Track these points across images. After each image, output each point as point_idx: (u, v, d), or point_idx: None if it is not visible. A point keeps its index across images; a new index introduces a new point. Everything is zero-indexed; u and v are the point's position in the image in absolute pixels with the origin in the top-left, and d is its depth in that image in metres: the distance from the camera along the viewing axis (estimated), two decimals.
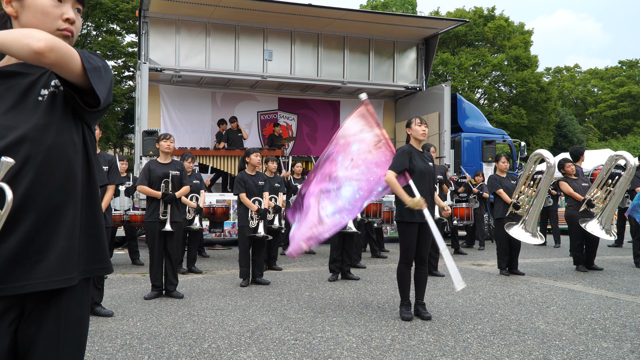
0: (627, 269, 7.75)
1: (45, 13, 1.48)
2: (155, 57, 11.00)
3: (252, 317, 4.68)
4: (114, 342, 3.92)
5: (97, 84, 1.42)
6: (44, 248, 1.42)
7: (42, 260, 1.41)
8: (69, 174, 1.47)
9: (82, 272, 1.50)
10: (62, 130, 1.46)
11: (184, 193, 5.63)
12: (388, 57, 13.05)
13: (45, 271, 1.41)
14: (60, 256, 1.43)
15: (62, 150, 1.46)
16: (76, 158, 1.50)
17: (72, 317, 1.49)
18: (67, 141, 1.47)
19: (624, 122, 41.81)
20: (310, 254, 9.38)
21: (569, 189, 7.55)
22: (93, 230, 1.55)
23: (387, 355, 3.65)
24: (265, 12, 11.21)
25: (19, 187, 1.38)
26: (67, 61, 1.35)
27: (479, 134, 12.79)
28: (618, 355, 3.65)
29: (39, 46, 1.28)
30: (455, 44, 31.84)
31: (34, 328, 1.44)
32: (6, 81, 1.46)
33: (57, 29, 1.49)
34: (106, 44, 22.14)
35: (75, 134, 1.50)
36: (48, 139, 1.43)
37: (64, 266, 1.43)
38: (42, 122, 1.43)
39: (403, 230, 4.70)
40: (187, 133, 12.55)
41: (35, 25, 1.47)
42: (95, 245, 1.55)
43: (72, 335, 1.49)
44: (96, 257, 1.55)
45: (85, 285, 1.55)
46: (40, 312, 1.44)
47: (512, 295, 5.73)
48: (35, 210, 1.41)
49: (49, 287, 1.41)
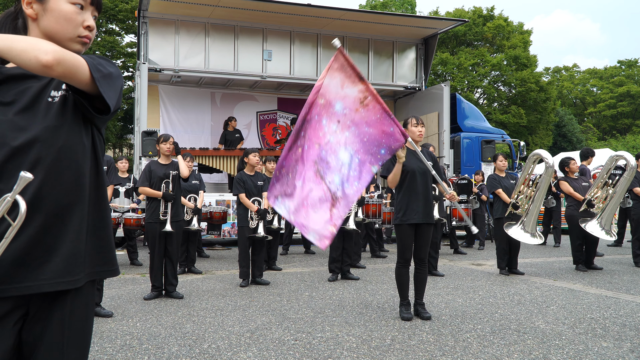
0: (626, 268, 7.76)
1: (69, 19, 1.48)
2: (154, 58, 10.99)
3: (251, 318, 4.68)
4: (114, 343, 3.92)
5: (107, 92, 1.42)
6: (51, 249, 1.42)
7: (49, 261, 1.41)
8: (78, 176, 1.48)
9: (89, 274, 1.51)
10: (73, 132, 1.47)
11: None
12: (387, 57, 13.05)
13: (51, 272, 1.41)
14: (67, 258, 1.44)
15: (71, 153, 1.46)
16: (85, 160, 1.50)
17: (77, 318, 1.49)
18: (77, 143, 1.48)
19: (623, 122, 41.83)
20: (310, 254, 9.38)
21: (569, 188, 7.56)
22: (101, 233, 1.55)
23: (387, 355, 3.65)
24: (264, 12, 11.21)
25: (29, 188, 1.38)
26: (75, 72, 1.35)
27: (478, 133, 12.80)
28: (618, 355, 3.65)
29: (47, 59, 1.28)
30: (455, 44, 31.86)
31: (38, 329, 1.44)
32: (19, 84, 1.46)
33: (78, 36, 1.50)
34: (105, 44, 22.13)
35: (85, 136, 1.51)
36: (59, 141, 1.44)
37: (70, 268, 1.44)
38: (53, 123, 1.44)
39: (399, 231, 4.71)
40: (186, 133, 12.54)
41: (57, 30, 1.48)
42: (102, 248, 1.55)
43: (76, 336, 1.49)
44: (103, 260, 1.56)
45: (91, 287, 1.55)
46: (45, 313, 1.45)
47: (512, 294, 5.73)
48: (43, 211, 1.41)
49: (54, 289, 1.42)
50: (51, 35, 1.49)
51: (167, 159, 5.60)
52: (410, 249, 4.69)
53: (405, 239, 4.66)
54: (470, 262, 8.52)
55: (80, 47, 1.52)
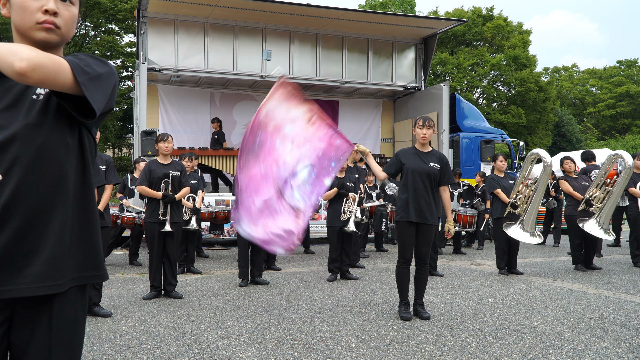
0: (625, 268, 7.76)
1: (24, 8, 1.43)
2: (153, 57, 10.98)
3: (251, 317, 4.68)
4: (113, 343, 3.92)
5: (93, 95, 1.37)
6: (31, 252, 1.37)
7: (29, 265, 1.37)
8: (60, 176, 1.42)
9: (74, 279, 1.45)
10: (55, 131, 1.42)
11: (184, 195, 5.62)
12: (387, 57, 13.04)
13: (31, 276, 1.36)
14: (48, 261, 1.38)
15: (52, 151, 1.41)
16: (69, 160, 1.45)
17: (65, 323, 1.45)
18: (59, 142, 1.43)
19: (622, 122, 41.86)
20: (309, 254, 9.38)
21: (569, 187, 7.57)
22: (87, 236, 1.50)
23: (386, 355, 3.65)
24: (263, 12, 11.20)
25: (6, 187, 1.34)
26: (54, 78, 1.29)
27: (477, 133, 12.79)
28: (617, 355, 3.65)
29: (21, 67, 1.23)
30: (454, 44, 31.87)
31: (26, 332, 1.41)
32: (4, 82, 1.43)
33: (37, 23, 1.43)
34: (104, 44, 22.14)
35: (70, 135, 1.45)
36: (38, 139, 1.39)
37: (51, 272, 1.38)
38: (33, 121, 1.39)
39: (400, 230, 4.71)
40: (185, 133, 12.53)
41: (19, 23, 1.44)
42: (89, 252, 1.50)
43: (65, 341, 1.45)
44: (90, 264, 1.50)
45: (80, 292, 1.50)
46: (32, 317, 1.41)
47: (511, 294, 5.74)
48: (22, 212, 1.36)
49: (34, 293, 1.36)
50: (18, 29, 1.45)
51: (167, 158, 5.59)
52: (410, 249, 4.69)
53: (405, 238, 4.67)
54: (469, 262, 8.52)
55: (46, 34, 1.44)
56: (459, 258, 8.98)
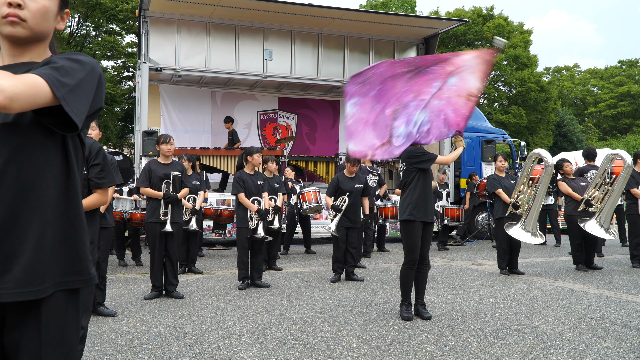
0: (627, 268, 7.75)
1: None
2: (155, 57, 10.99)
3: (252, 317, 4.68)
4: (114, 343, 3.92)
5: (75, 107, 1.32)
6: (11, 256, 1.34)
7: (9, 270, 1.34)
8: (37, 179, 1.37)
9: (58, 284, 1.41)
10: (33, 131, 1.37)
11: (184, 195, 5.63)
12: (388, 56, 13.02)
13: (11, 282, 1.33)
14: (27, 267, 1.35)
15: (29, 153, 1.36)
16: (48, 162, 1.40)
17: (54, 327, 1.42)
18: (37, 143, 1.37)
19: (623, 122, 41.80)
20: (311, 254, 9.38)
21: (568, 188, 7.56)
22: (70, 241, 1.45)
23: (387, 355, 3.65)
24: (265, 11, 11.21)
25: None
26: (34, 100, 1.25)
27: (478, 133, 12.78)
28: (618, 355, 3.65)
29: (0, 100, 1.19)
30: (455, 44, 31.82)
31: (16, 336, 1.39)
32: None
33: (2, 17, 1.38)
34: (106, 44, 22.14)
35: (49, 136, 1.39)
36: (14, 139, 1.34)
37: (30, 277, 1.35)
38: (9, 120, 1.34)
39: (407, 229, 4.70)
40: (187, 133, 12.54)
41: None
42: (72, 257, 1.45)
43: (55, 346, 1.42)
44: (73, 269, 1.45)
45: (69, 295, 1.46)
46: (21, 320, 1.39)
47: (512, 294, 5.74)
48: None
49: (15, 299, 1.34)
50: None
51: (168, 158, 5.59)
52: (418, 248, 4.69)
53: (415, 238, 4.67)
54: (470, 262, 8.52)
55: (11, 29, 1.39)
56: (460, 258, 8.98)
